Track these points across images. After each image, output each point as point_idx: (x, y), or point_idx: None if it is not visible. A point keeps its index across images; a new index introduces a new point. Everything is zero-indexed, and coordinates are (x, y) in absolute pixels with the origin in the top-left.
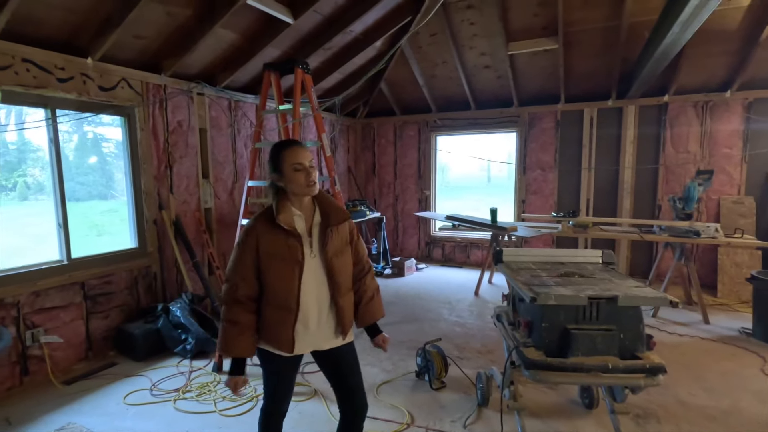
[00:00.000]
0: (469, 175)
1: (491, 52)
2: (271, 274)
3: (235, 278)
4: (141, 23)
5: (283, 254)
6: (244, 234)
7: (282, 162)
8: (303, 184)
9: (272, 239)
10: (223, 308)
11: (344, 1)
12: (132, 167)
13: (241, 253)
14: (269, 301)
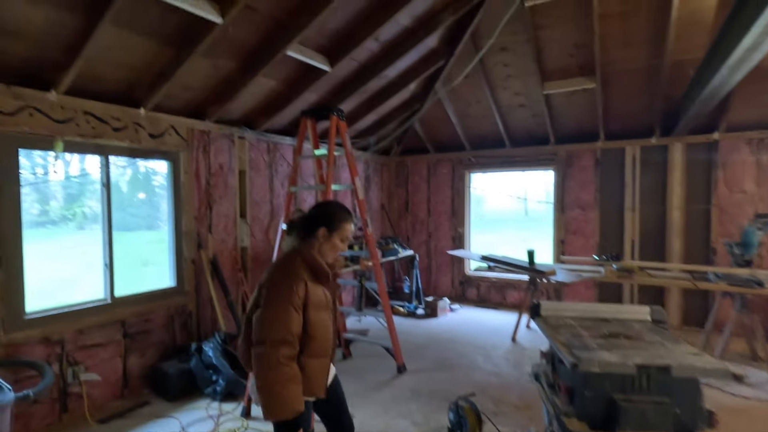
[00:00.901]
0: (506, 208)
1: (526, 91)
2: (317, 325)
3: (291, 335)
4: (189, 76)
5: (324, 304)
6: (294, 285)
7: (336, 228)
8: (335, 253)
9: (317, 290)
10: (274, 370)
11: (378, 50)
12: (174, 209)
13: (292, 307)
14: (312, 353)
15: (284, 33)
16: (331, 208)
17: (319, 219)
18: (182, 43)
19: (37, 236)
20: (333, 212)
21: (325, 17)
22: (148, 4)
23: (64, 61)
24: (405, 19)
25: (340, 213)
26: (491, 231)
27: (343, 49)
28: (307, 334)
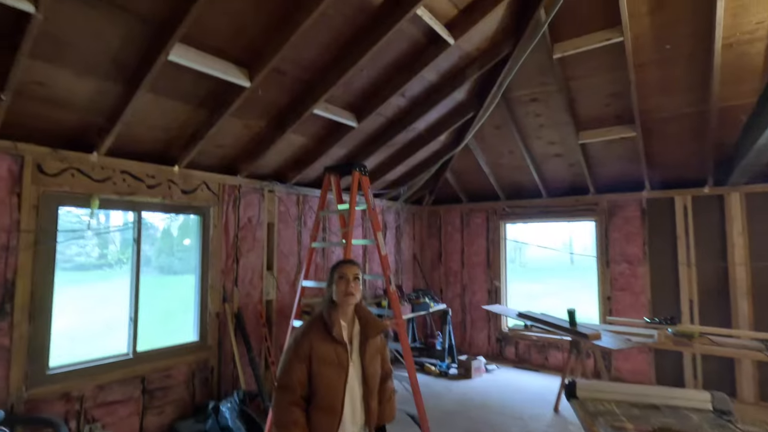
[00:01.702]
0: (550, 256)
1: (560, 141)
2: (321, 379)
3: (292, 382)
4: (222, 135)
5: (333, 360)
6: (300, 339)
7: (332, 274)
8: (342, 292)
9: (324, 346)
10: (277, 412)
11: (406, 105)
12: (202, 263)
13: (296, 357)
14: (317, 406)
15: (312, 93)
16: (330, 268)
17: (327, 283)
18: (214, 106)
19: (95, 278)
20: (330, 270)
21: (351, 77)
22: (182, 73)
23: (105, 125)
24: (431, 75)
25: (333, 265)
26: (534, 280)
27: (369, 105)
28: (312, 386)
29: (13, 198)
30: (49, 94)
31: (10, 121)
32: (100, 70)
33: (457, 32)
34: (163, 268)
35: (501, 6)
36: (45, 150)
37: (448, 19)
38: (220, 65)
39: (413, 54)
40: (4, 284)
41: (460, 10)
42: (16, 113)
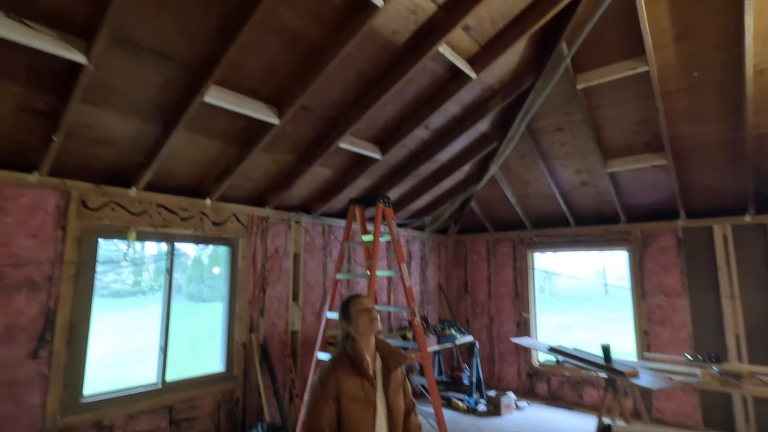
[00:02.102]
0: (583, 284)
1: (587, 169)
2: (350, 417)
3: (320, 423)
4: (251, 169)
5: (360, 397)
6: (326, 378)
7: (349, 309)
8: (367, 322)
9: (352, 383)
10: None
11: (429, 137)
12: (230, 293)
13: (323, 397)
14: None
15: (337, 128)
16: (341, 307)
17: (340, 320)
18: (245, 142)
19: (129, 305)
20: (342, 307)
21: (375, 112)
22: (215, 112)
23: (144, 162)
24: (454, 108)
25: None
26: (566, 311)
27: (393, 138)
28: (341, 426)
29: (59, 231)
30: (94, 134)
31: (60, 160)
32: (141, 111)
33: (478, 67)
34: (193, 295)
35: (522, 40)
36: (89, 186)
37: (469, 55)
38: (251, 105)
39: (436, 88)
40: (47, 314)
41: (481, 46)
42: (65, 152)
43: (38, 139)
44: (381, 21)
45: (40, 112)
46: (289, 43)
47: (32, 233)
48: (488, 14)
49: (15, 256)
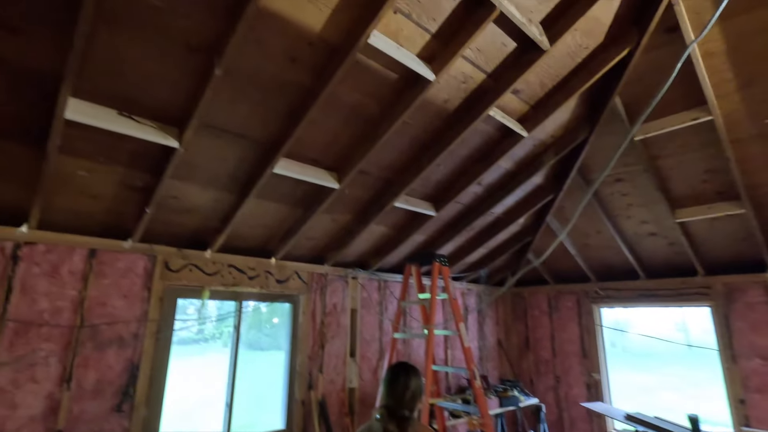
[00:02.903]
0: (661, 338)
1: (654, 219)
2: None
3: None
4: (312, 229)
5: None
6: None
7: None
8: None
9: None
10: None
11: (482, 192)
12: (291, 350)
13: None
14: None
15: (392, 188)
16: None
17: (418, 391)
18: (307, 205)
19: (191, 353)
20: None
21: (429, 172)
22: (282, 180)
23: (219, 227)
24: (506, 164)
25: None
26: (643, 369)
27: (447, 195)
28: None
29: (145, 292)
30: (179, 204)
31: (149, 228)
32: (219, 183)
33: (529, 125)
34: (251, 343)
35: (572, 99)
36: (172, 250)
37: (519, 115)
38: (314, 172)
39: (487, 147)
40: (131, 369)
41: (531, 106)
42: (153, 221)
43: (134, 210)
44: (433, 92)
45: (137, 187)
46: (348, 118)
47: (124, 294)
48: (536, 78)
49: (109, 315)
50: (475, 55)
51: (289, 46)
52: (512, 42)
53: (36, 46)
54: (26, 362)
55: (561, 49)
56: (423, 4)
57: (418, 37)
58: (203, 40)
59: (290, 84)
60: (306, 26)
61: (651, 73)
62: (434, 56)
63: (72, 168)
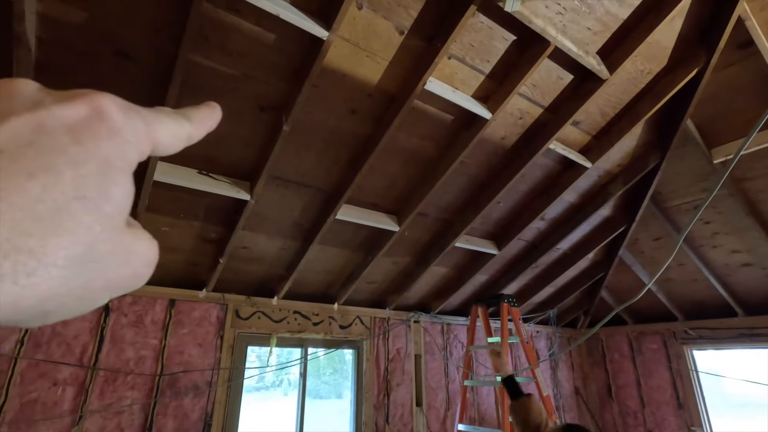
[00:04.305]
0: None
1: (747, 248)
2: None
3: None
4: (373, 273)
5: None
6: None
7: None
8: None
9: None
10: None
11: (546, 227)
12: (356, 399)
13: None
14: None
15: (452, 228)
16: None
17: None
18: (368, 249)
19: (252, 399)
20: None
21: (489, 210)
22: (343, 225)
23: (285, 274)
24: (570, 197)
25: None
26: (747, 418)
27: (509, 232)
28: None
29: (218, 340)
30: (249, 254)
31: (221, 278)
32: (286, 231)
33: (593, 156)
34: (310, 391)
35: (638, 126)
36: (241, 298)
37: (581, 146)
38: (374, 216)
39: (549, 180)
40: (205, 417)
41: (593, 136)
42: (225, 271)
43: (208, 261)
44: (489, 130)
45: (212, 239)
46: (406, 161)
47: (198, 342)
48: (596, 107)
49: (186, 363)
50: (530, 91)
51: (350, 98)
52: (568, 74)
53: None
54: (114, 410)
55: (621, 77)
56: (476, 47)
57: (473, 78)
58: (273, 100)
59: (351, 134)
60: (365, 79)
61: (726, 92)
62: (489, 95)
63: (156, 224)
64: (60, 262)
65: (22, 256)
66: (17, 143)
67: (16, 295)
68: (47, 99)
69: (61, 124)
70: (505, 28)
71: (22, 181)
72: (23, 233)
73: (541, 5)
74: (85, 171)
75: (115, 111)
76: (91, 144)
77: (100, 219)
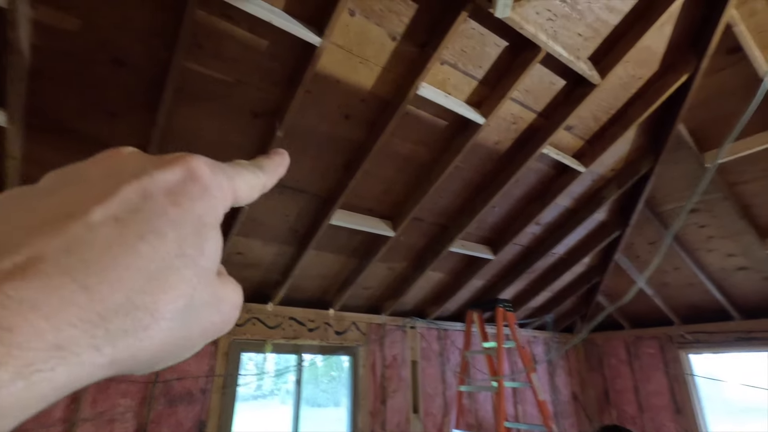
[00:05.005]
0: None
1: (742, 251)
2: None
3: None
4: (368, 278)
5: None
6: None
7: None
8: None
9: None
10: None
11: (541, 232)
12: (352, 405)
13: None
14: None
15: (447, 233)
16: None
17: None
18: (363, 254)
19: (249, 409)
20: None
21: (484, 214)
22: (338, 231)
23: (280, 280)
24: (565, 201)
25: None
26: (750, 426)
27: (504, 237)
28: None
29: (212, 347)
30: (244, 260)
31: None
32: (281, 237)
33: (586, 160)
34: (309, 400)
35: (630, 130)
36: None
37: (574, 151)
38: (369, 222)
39: (543, 185)
40: (199, 425)
41: (586, 141)
42: None
43: None
44: (483, 135)
45: None
46: (401, 166)
47: None
48: (589, 112)
49: (180, 370)
50: (523, 96)
51: (343, 104)
52: (561, 80)
53: (128, 125)
54: (106, 418)
55: (613, 82)
56: (468, 53)
57: (465, 84)
58: (266, 106)
59: (345, 139)
60: (358, 85)
61: (716, 97)
62: (482, 101)
63: None
64: (168, 315)
65: (140, 313)
66: (128, 210)
67: (135, 348)
68: (148, 165)
69: (161, 189)
70: (496, 35)
71: (135, 245)
72: (139, 291)
73: (531, 12)
74: (183, 230)
75: (205, 171)
76: (187, 204)
77: (198, 272)
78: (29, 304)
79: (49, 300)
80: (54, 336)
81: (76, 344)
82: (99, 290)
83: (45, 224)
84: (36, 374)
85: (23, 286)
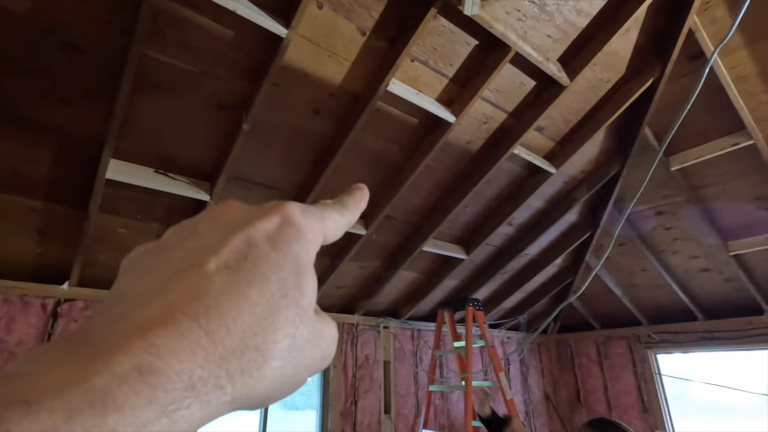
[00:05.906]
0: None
1: (705, 254)
2: None
3: None
4: (341, 278)
5: None
6: None
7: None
8: None
9: None
10: None
11: (514, 232)
12: (322, 406)
13: None
14: None
15: (420, 232)
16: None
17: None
18: (336, 253)
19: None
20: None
21: (457, 214)
22: None
23: None
24: (537, 202)
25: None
26: (717, 416)
27: (477, 237)
28: None
29: None
30: None
31: None
32: None
33: (557, 161)
34: (286, 402)
35: (599, 133)
36: None
37: (545, 152)
38: None
39: (515, 186)
40: None
41: (556, 142)
42: None
43: None
44: (455, 134)
45: None
46: (372, 164)
47: None
48: (560, 114)
49: None
50: (494, 96)
51: (312, 98)
52: (531, 80)
53: (84, 114)
54: None
55: (582, 84)
56: (439, 51)
57: (437, 82)
58: (232, 98)
59: (315, 134)
60: (327, 79)
61: (680, 102)
62: (453, 99)
63: (112, 226)
64: (277, 354)
65: (253, 353)
66: (237, 258)
67: (250, 387)
68: (250, 214)
69: (263, 235)
70: (467, 33)
71: (245, 290)
72: (251, 333)
73: (501, 11)
74: (284, 272)
75: (297, 215)
76: (285, 248)
77: (299, 312)
78: (168, 349)
79: (182, 344)
80: (188, 377)
81: (204, 384)
82: (219, 333)
83: (174, 275)
84: (176, 412)
85: (164, 333)
